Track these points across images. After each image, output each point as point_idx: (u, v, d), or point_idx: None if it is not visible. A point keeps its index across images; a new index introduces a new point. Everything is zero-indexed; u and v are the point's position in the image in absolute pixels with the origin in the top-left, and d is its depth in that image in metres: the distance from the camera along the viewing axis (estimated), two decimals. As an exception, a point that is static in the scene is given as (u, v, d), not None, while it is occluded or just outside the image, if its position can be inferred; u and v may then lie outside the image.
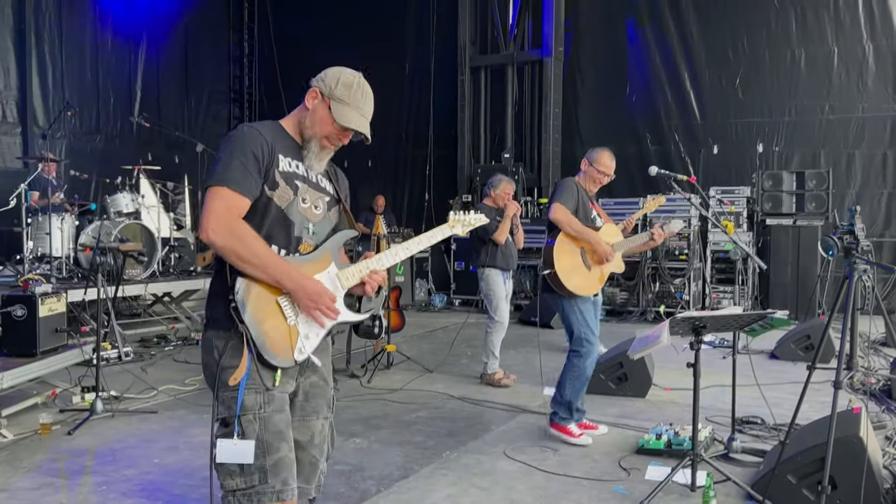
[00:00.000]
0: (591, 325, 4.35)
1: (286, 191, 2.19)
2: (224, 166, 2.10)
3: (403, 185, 13.20)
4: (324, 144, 2.29)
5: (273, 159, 2.17)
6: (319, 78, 2.29)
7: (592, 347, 4.33)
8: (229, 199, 2.08)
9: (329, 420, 2.38)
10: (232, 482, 2.10)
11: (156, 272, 7.86)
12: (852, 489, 3.12)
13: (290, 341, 2.15)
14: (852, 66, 9.89)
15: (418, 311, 10.59)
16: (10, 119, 10.03)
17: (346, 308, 2.29)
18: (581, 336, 4.33)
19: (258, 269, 2.07)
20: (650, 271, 9.52)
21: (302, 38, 13.53)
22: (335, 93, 2.24)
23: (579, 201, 4.40)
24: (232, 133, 2.18)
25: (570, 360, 4.37)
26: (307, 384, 2.31)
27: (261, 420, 2.11)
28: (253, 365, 2.10)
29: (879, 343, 7.02)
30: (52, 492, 3.65)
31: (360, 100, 2.28)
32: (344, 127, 2.26)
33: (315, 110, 2.26)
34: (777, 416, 4.52)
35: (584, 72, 11.56)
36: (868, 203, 9.71)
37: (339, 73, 2.28)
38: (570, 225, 4.29)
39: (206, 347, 2.19)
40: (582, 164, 4.59)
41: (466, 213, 2.55)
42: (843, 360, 3.10)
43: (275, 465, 2.11)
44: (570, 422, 4.41)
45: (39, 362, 4.88)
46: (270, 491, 2.10)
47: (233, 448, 2.08)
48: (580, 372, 4.34)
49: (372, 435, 4.59)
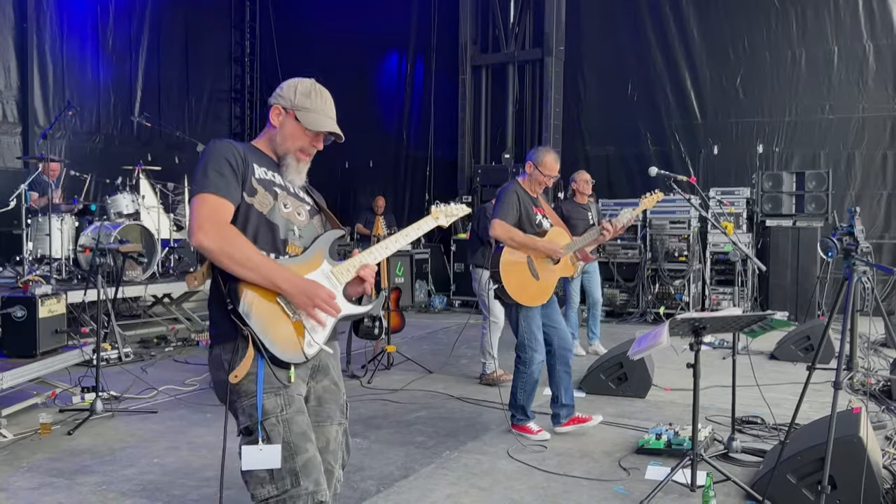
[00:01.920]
0: (535, 332, 4.42)
1: (265, 196, 2.20)
2: (201, 177, 2.13)
3: (404, 186, 13.20)
4: (299, 157, 2.33)
5: (248, 167, 2.20)
6: (276, 95, 2.34)
7: (536, 354, 4.42)
8: (214, 203, 2.10)
9: (343, 426, 2.37)
10: (263, 490, 2.06)
11: (156, 273, 7.86)
12: (852, 489, 3.12)
13: (298, 337, 2.14)
14: (852, 66, 9.89)
15: (418, 313, 10.59)
16: (10, 119, 10.04)
17: (347, 303, 2.28)
18: (524, 343, 4.41)
19: (251, 270, 2.06)
20: (650, 273, 9.52)
21: (303, 37, 13.53)
22: (297, 103, 2.29)
23: (521, 209, 4.40)
24: (205, 148, 2.22)
25: (517, 367, 4.49)
26: (319, 388, 2.30)
27: (284, 422, 2.09)
28: (267, 368, 2.09)
29: (879, 344, 7.02)
30: (52, 492, 3.65)
31: (322, 104, 2.33)
32: (316, 132, 2.30)
33: (283, 126, 2.31)
34: (777, 416, 4.52)
35: (585, 71, 11.55)
36: (868, 204, 9.71)
37: (295, 84, 2.33)
38: (512, 239, 4.32)
39: (216, 365, 2.17)
40: (527, 167, 4.55)
41: (448, 205, 2.62)
42: (843, 360, 3.10)
43: (304, 466, 2.08)
44: (528, 421, 4.52)
45: (39, 363, 4.88)
46: (305, 493, 2.06)
47: (258, 454, 2.04)
48: (528, 377, 4.45)
49: (372, 435, 4.59)
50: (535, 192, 4.55)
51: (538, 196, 4.59)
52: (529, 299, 4.38)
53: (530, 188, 4.54)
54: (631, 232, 9.56)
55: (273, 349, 2.08)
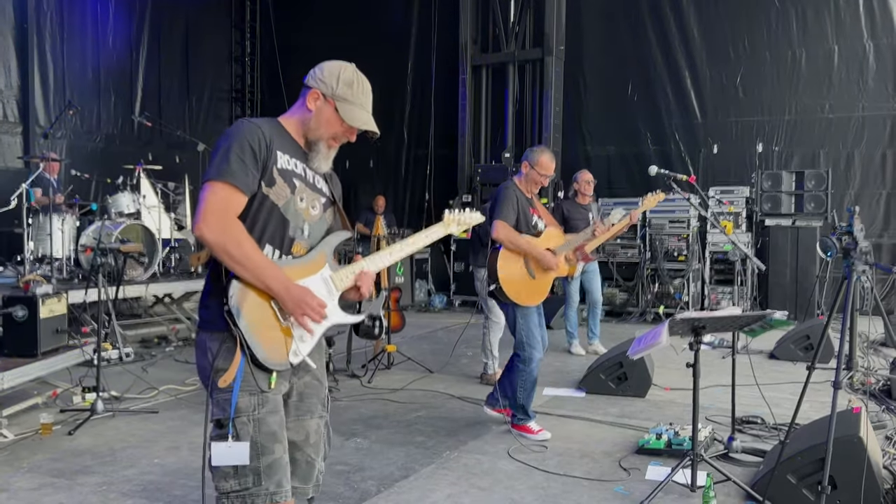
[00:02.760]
0: (533, 330, 4.47)
1: (283, 188, 2.16)
2: (221, 160, 2.07)
3: (404, 186, 13.20)
4: (331, 144, 2.28)
5: (271, 155, 2.14)
6: (317, 78, 2.24)
7: (535, 352, 4.46)
8: (226, 194, 2.06)
9: (324, 419, 2.37)
10: (226, 484, 2.10)
11: (157, 273, 7.86)
12: (852, 489, 3.12)
13: (285, 344, 2.15)
14: (852, 65, 9.89)
15: (418, 312, 10.59)
16: (10, 118, 10.04)
17: (341, 310, 2.27)
18: (524, 341, 4.45)
19: (248, 270, 2.05)
20: (649, 272, 9.53)
21: (303, 36, 13.52)
22: (338, 93, 2.22)
23: (519, 210, 4.45)
24: (230, 128, 2.15)
25: (516, 366, 4.50)
26: (301, 384, 2.30)
27: (255, 422, 2.11)
28: (247, 367, 2.09)
29: (879, 343, 7.03)
30: (52, 492, 3.66)
31: (363, 97, 2.27)
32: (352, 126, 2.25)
33: (320, 112, 2.23)
34: (777, 416, 4.53)
35: (585, 71, 11.55)
36: (867, 203, 9.70)
37: (338, 71, 2.25)
38: (513, 242, 4.37)
39: (201, 349, 2.17)
40: (522, 167, 4.60)
41: (462, 212, 2.53)
42: (843, 360, 3.10)
43: (268, 467, 2.11)
44: (529, 420, 4.52)
45: (40, 363, 4.88)
46: (264, 493, 2.10)
47: (227, 450, 2.07)
48: (527, 376, 4.47)
49: (372, 435, 4.60)
50: (530, 192, 4.59)
51: (533, 196, 4.63)
52: (526, 298, 4.42)
53: (526, 188, 4.57)
54: (631, 231, 9.56)
55: (258, 353, 2.08)
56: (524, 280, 4.41)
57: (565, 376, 6.20)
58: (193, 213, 9.29)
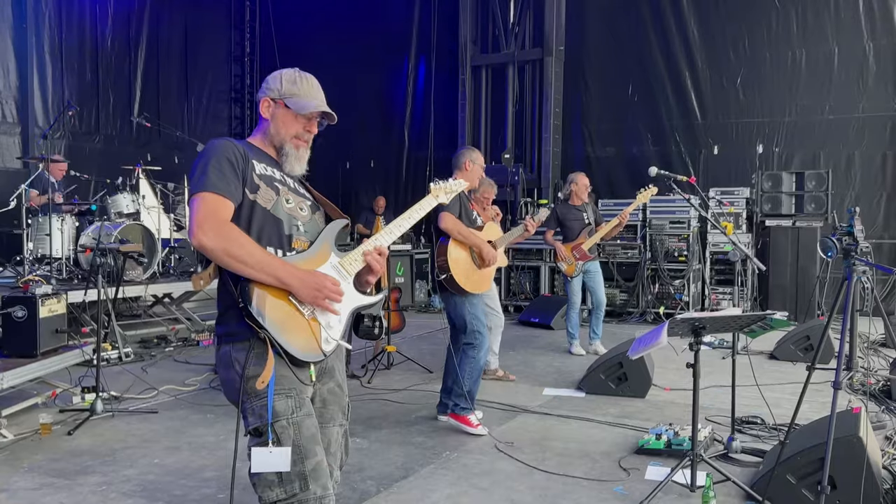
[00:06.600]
0: (481, 318, 4.69)
1: (268, 191, 2.20)
2: (200, 175, 2.11)
3: (405, 186, 13.19)
4: (297, 144, 2.32)
5: (248, 164, 2.19)
6: (263, 89, 2.36)
7: (484, 339, 4.67)
8: (213, 202, 2.08)
9: (344, 427, 2.37)
10: (272, 493, 2.05)
11: (156, 273, 7.86)
12: (852, 489, 3.12)
13: (315, 334, 2.13)
14: (852, 66, 9.89)
15: (418, 312, 10.58)
16: (9, 119, 10.04)
17: (359, 293, 2.27)
18: (474, 329, 4.64)
19: (254, 268, 2.03)
20: (649, 272, 9.53)
21: (303, 37, 13.52)
22: (284, 91, 2.30)
23: (461, 204, 4.70)
24: (203, 148, 2.22)
25: (466, 353, 4.66)
26: (324, 391, 2.30)
27: (295, 425, 2.08)
28: (281, 369, 2.07)
29: (879, 344, 7.03)
30: (52, 492, 3.65)
31: (308, 87, 2.34)
32: (308, 116, 2.30)
33: (274, 117, 2.32)
34: (777, 416, 4.52)
35: (586, 71, 11.55)
36: (867, 204, 9.69)
37: (279, 74, 2.36)
38: (459, 233, 4.65)
39: (224, 363, 2.14)
40: (465, 164, 4.86)
41: (446, 181, 2.66)
42: (843, 360, 3.10)
43: (314, 471, 2.07)
44: (470, 412, 4.60)
45: (40, 363, 4.88)
46: (313, 497, 2.06)
47: (268, 456, 2.03)
48: (476, 363, 4.65)
49: (372, 435, 4.59)
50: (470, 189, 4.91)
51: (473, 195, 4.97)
52: (475, 286, 4.68)
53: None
54: (631, 232, 9.57)
55: (291, 349, 2.06)
56: (472, 269, 4.68)
57: (565, 376, 6.20)
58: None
